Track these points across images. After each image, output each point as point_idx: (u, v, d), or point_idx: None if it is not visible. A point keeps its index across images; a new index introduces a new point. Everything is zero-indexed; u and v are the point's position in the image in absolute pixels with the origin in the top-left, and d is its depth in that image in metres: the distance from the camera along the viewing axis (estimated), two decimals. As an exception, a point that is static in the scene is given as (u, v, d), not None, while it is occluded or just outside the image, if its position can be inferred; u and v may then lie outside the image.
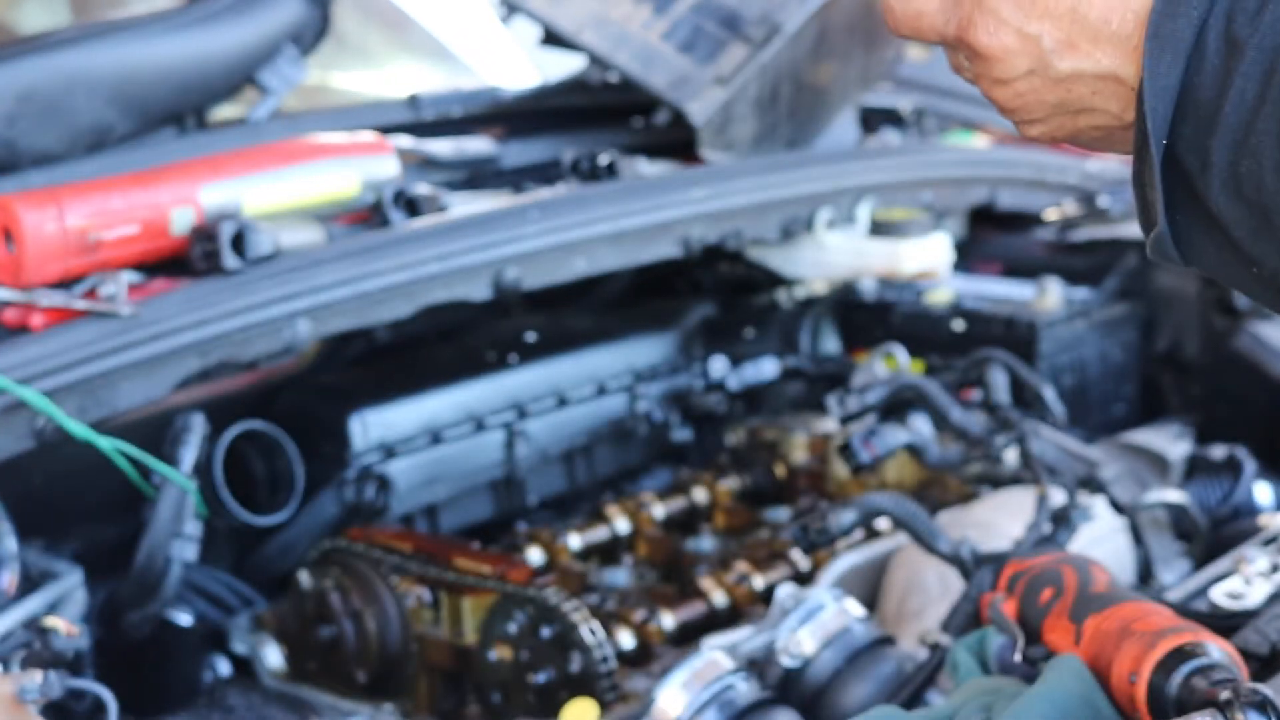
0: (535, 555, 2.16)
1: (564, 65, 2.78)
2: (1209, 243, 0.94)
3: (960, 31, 0.99)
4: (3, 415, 1.80)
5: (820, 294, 2.81)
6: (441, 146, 2.50)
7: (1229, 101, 0.88)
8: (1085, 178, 2.98)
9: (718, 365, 2.59)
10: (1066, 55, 0.95)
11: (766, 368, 2.57)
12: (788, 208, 2.55)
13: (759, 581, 2.03)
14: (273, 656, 2.07)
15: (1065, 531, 1.85)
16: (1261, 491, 2.22)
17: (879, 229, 2.63)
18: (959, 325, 2.60)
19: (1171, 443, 2.23)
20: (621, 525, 2.26)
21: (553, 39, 2.59)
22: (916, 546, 1.78)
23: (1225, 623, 1.58)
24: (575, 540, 2.21)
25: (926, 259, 2.66)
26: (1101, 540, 1.98)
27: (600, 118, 2.73)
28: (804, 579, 2.02)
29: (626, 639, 1.94)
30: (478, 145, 2.55)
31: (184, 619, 2.11)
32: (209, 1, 2.32)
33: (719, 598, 2.02)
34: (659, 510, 2.29)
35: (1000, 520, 1.97)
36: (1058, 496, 1.94)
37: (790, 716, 1.60)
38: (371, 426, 2.25)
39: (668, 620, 1.96)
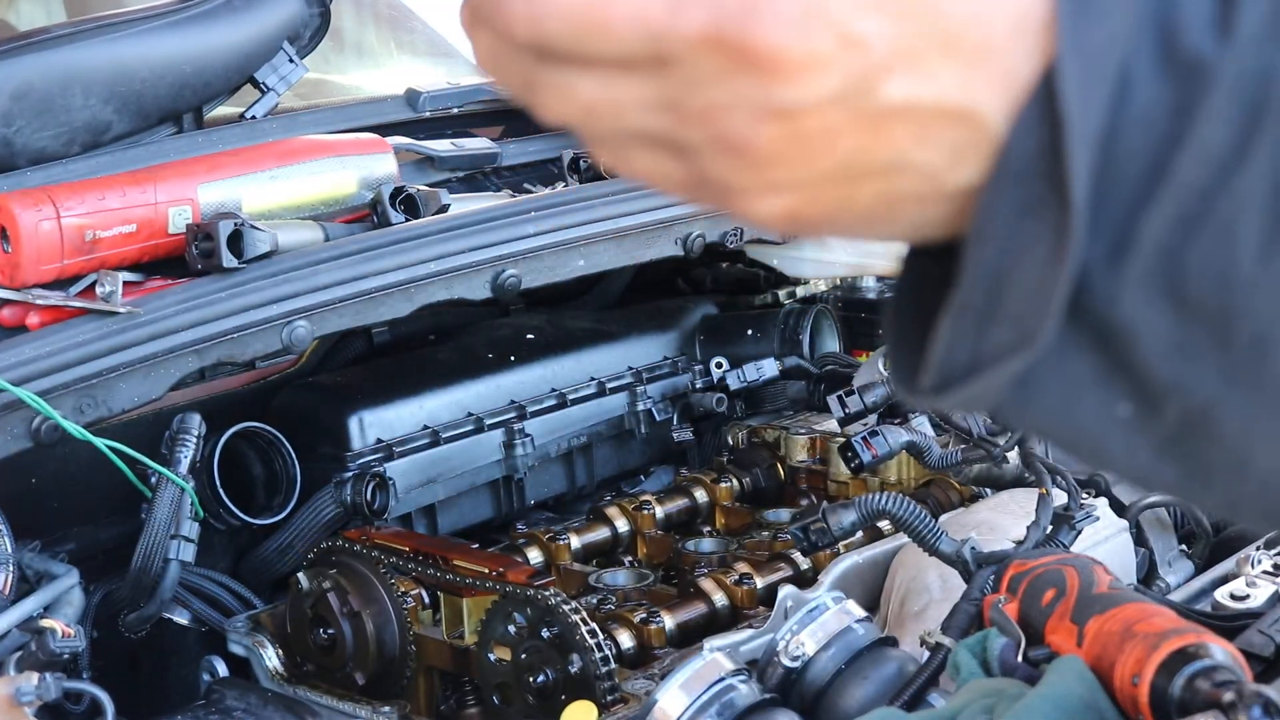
0: (535, 556, 2.15)
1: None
2: (1069, 373, 0.59)
3: (721, 28, 0.54)
4: (-1, 415, 1.80)
5: (821, 293, 2.80)
6: (440, 145, 2.49)
7: (1184, 154, 0.56)
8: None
9: (718, 365, 2.58)
10: (902, 74, 0.55)
11: (766, 368, 2.56)
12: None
13: (759, 582, 2.02)
14: (271, 658, 2.06)
15: (1067, 532, 1.84)
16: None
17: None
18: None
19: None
20: (621, 525, 2.25)
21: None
22: (918, 547, 1.76)
23: (1228, 624, 1.57)
24: (575, 541, 2.20)
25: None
26: (1104, 541, 1.97)
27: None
28: (805, 580, 2.01)
29: (626, 640, 1.93)
30: (476, 143, 2.54)
31: (181, 620, 2.10)
32: (207, -1, 2.31)
33: (719, 599, 2.01)
34: (659, 510, 2.29)
35: (1002, 521, 1.96)
36: (1060, 497, 1.93)
37: (791, 718, 1.59)
38: (370, 426, 2.24)
39: (668, 621, 1.96)
